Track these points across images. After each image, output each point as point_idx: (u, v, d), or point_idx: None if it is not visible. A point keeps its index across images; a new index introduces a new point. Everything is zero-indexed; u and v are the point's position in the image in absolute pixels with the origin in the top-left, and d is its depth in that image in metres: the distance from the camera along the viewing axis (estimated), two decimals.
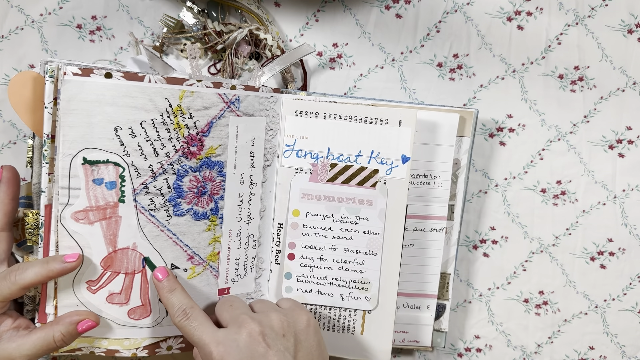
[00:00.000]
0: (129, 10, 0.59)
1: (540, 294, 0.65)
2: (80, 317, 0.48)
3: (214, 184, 0.53)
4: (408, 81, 0.62)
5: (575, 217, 0.64)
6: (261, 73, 0.57)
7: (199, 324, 0.47)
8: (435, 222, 0.59)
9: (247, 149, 0.54)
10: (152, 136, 0.49)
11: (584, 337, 0.66)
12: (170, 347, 0.54)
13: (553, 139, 0.63)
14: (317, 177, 0.56)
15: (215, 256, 0.54)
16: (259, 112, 0.54)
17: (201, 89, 0.51)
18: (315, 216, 0.56)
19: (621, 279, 0.65)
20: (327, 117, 0.55)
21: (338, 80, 0.62)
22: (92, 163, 0.48)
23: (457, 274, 0.65)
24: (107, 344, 0.51)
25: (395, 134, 0.55)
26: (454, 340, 0.66)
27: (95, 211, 0.49)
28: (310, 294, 0.57)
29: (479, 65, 0.62)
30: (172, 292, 0.49)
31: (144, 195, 0.50)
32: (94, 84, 0.47)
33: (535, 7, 0.62)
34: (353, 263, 0.57)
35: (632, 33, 0.62)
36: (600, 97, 0.63)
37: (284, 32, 0.61)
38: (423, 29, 0.62)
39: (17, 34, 0.58)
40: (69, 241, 0.48)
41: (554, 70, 0.63)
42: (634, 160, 0.64)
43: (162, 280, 0.49)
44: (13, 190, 0.49)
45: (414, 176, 0.58)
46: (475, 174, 0.64)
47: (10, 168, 0.50)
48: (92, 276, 0.50)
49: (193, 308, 0.48)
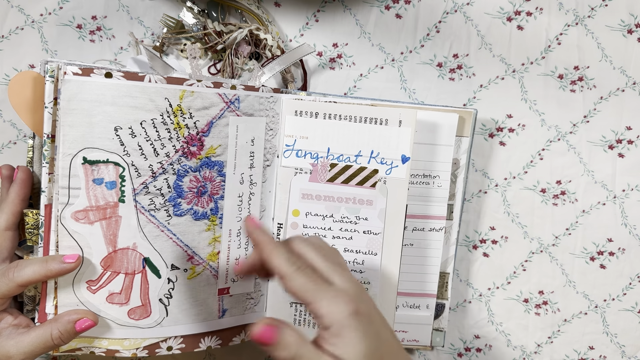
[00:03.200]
0: (129, 10, 0.59)
1: (540, 294, 0.65)
2: (78, 315, 0.48)
3: (213, 183, 0.53)
4: (408, 81, 0.62)
5: (575, 217, 0.64)
6: (261, 73, 0.57)
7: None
8: (434, 221, 0.59)
9: (247, 148, 0.54)
10: (152, 136, 0.49)
11: (584, 337, 0.66)
12: (170, 347, 0.54)
13: (553, 139, 0.63)
14: (317, 177, 0.56)
15: (215, 256, 0.54)
16: (259, 112, 0.54)
17: (201, 89, 0.51)
18: (315, 216, 0.56)
19: (621, 279, 0.65)
20: (327, 117, 0.55)
21: (338, 80, 0.62)
22: (92, 163, 0.48)
23: (457, 273, 0.65)
24: (107, 344, 0.51)
25: (395, 134, 0.55)
26: (453, 340, 0.66)
27: (95, 211, 0.49)
28: None
29: (479, 65, 0.62)
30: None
31: (144, 195, 0.50)
32: (94, 83, 0.47)
33: (535, 7, 0.62)
34: (353, 263, 0.57)
35: (632, 33, 0.62)
36: (600, 97, 0.63)
37: (284, 32, 0.61)
38: (423, 29, 0.62)
39: (17, 34, 0.58)
40: (69, 241, 0.49)
41: (554, 70, 0.63)
42: (633, 160, 0.64)
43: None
44: (25, 191, 0.50)
45: (414, 176, 0.58)
46: (475, 174, 0.64)
47: (25, 169, 0.50)
48: (92, 276, 0.50)
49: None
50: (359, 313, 0.39)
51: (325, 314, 0.39)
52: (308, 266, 0.41)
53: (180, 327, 0.53)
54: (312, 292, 0.40)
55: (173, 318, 0.53)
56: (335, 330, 0.38)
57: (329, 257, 0.43)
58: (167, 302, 0.52)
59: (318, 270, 0.42)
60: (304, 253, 0.43)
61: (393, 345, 0.41)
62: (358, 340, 0.38)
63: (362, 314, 0.39)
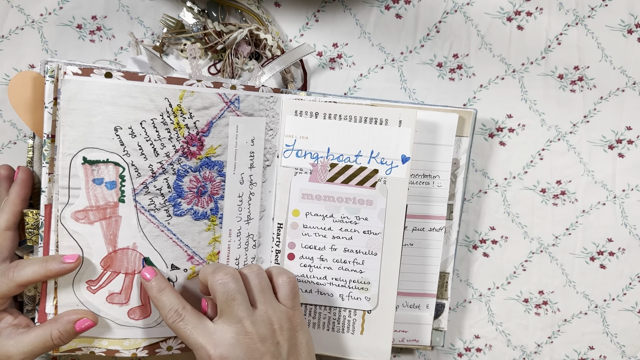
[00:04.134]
0: (129, 10, 0.59)
1: (540, 294, 0.65)
2: (78, 315, 0.48)
3: (213, 183, 0.53)
4: (408, 81, 0.62)
5: (575, 217, 0.64)
6: (261, 73, 0.57)
7: (193, 326, 0.46)
8: (434, 221, 0.59)
9: (247, 148, 0.54)
10: (152, 136, 0.49)
11: (584, 337, 0.66)
12: (170, 347, 0.54)
13: (553, 139, 0.63)
14: (317, 177, 0.56)
15: (215, 256, 0.54)
16: (258, 112, 0.54)
17: (201, 88, 0.51)
18: (315, 216, 0.56)
19: (621, 279, 0.65)
20: (327, 117, 0.55)
21: (338, 80, 0.62)
22: (92, 163, 0.48)
23: (457, 273, 0.65)
24: (107, 344, 0.51)
25: (395, 134, 0.55)
26: (453, 340, 0.66)
27: (95, 211, 0.49)
28: (310, 294, 0.57)
29: (479, 65, 0.62)
30: (162, 292, 0.48)
31: (144, 195, 0.50)
32: (94, 83, 0.47)
33: (535, 7, 0.62)
34: (353, 263, 0.57)
35: (632, 33, 0.62)
36: (600, 97, 0.63)
37: (284, 32, 0.61)
38: (423, 29, 0.62)
39: (17, 34, 0.58)
40: (69, 241, 0.49)
41: (554, 70, 0.63)
42: (633, 160, 0.64)
43: (151, 279, 0.49)
44: (25, 192, 0.50)
45: (414, 176, 0.58)
46: (475, 174, 0.64)
47: (26, 170, 0.50)
48: (92, 276, 0.50)
49: (185, 309, 0.47)
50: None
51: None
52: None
53: None
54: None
55: None
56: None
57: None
58: None
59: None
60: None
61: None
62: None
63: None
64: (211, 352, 0.45)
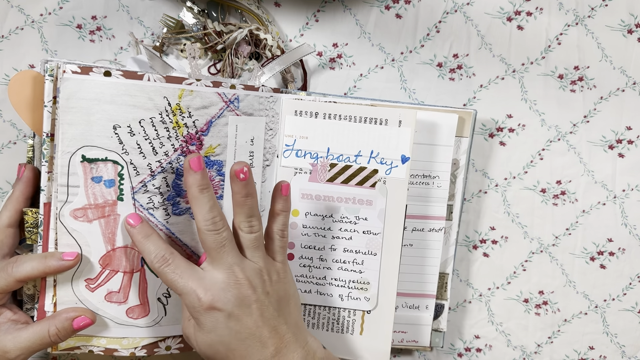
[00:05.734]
0: (129, 10, 0.60)
1: (540, 294, 0.65)
2: (76, 313, 0.48)
3: (212, 183, 0.53)
4: (408, 81, 0.62)
5: (575, 217, 0.64)
6: (261, 73, 0.57)
7: (181, 270, 0.45)
8: (434, 222, 0.59)
9: (246, 148, 0.54)
10: (150, 135, 0.49)
11: (584, 337, 0.66)
12: (169, 347, 0.54)
13: (553, 139, 0.63)
14: (317, 177, 0.56)
15: None
16: (258, 112, 0.54)
17: (200, 88, 0.51)
18: (315, 216, 0.56)
19: (621, 279, 0.65)
20: (327, 117, 0.55)
21: (338, 80, 0.62)
22: (90, 161, 0.48)
23: (457, 274, 0.65)
24: (106, 342, 0.51)
25: (395, 134, 0.55)
26: (453, 340, 0.66)
27: (94, 209, 0.49)
28: (310, 294, 0.57)
29: (479, 65, 0.62)
30: (148, 238, 0.47)
31: (142, 193, 0.50)
32: (93, 82, 0.47)
33: (535, 7, 0.62)
34: (352, 263, 0.57)
35: (632, 33, 0.62)
36: (600, 97, 0.63)
37: (284, 32, 0.61)
38: (423, 29, 0.62)
39: (17, 34, 0.59)
40: (67, 239, 0.49)
41: (554, 70, 0.63)
42: (633, 160, 0.64)
43: (135, 225, 0.48)
44: (29, 190, 0.50)
45: (413, 176, 0.58)
46: (475, 174, 0.64)
47: (33, 168, 0.51)
48: (90, 274, 0.50)
49: (173, 254, 0.46)
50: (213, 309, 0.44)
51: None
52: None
53: (179, 327, 0.53)
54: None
55: (172, 317, 0.53)
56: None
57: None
58: (165, 302, 0.52)
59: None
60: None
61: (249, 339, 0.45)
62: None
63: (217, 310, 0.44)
64: (201, 295, 0.44)
